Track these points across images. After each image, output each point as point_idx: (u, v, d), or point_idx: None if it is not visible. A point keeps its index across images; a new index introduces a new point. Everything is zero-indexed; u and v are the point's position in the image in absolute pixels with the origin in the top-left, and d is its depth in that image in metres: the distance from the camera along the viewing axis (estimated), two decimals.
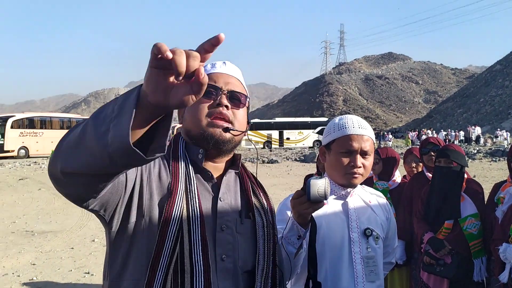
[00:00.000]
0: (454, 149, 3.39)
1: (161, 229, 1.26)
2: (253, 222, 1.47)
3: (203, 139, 1.40)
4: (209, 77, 1.47)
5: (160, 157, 1.37)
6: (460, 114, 76.70)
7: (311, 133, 44.04)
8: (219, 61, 1.55)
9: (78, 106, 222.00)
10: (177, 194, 1.32)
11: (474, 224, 3.28)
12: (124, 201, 1.27)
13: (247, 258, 1.42)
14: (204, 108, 1.42)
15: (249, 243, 1.44)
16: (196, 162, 1.43)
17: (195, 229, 1.29)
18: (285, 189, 14.02)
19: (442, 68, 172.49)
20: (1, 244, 7.92)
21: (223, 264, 1.34)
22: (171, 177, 1.36)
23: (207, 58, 0.91)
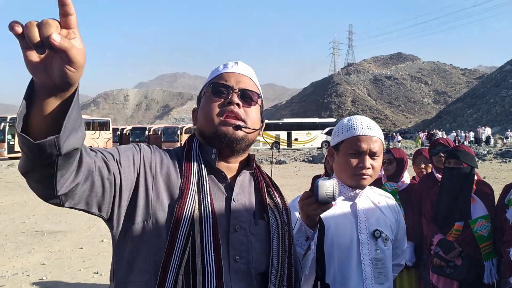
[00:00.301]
0: (464, 150, 3.36)
1: (172, 230, 1.25)
2: (267, 223, 1.45)
3: (216, 138, 1.40)
4: (221, 77, 1.49)
5: (172, 157, 1.42)
6: (470, 114, 76.11)
7: (319, 134, 43.94)
8: (231, 61, 1.56)
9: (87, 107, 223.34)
10: (188, 194, 1.31)
11: (485, 226, 3.25)
12: (121, 201, 1.26)
13: (261, 260, 1.40)
14: (215, 107, 1.43)
15: (263, 245, 1.42)
16: (209, 163, 1.43)
17: (207, 229, 1.28)
18: (293, 190, 13.99)
19: (451, 68, 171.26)
20: (12, 244, 7.99)
21: (237, 265, 1.33)
22: (183, 178, 1.35)
23: (70, 22, 0.87)
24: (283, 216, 1.51)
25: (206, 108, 1.44)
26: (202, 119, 1.46)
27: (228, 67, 1.52)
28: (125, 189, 1.26)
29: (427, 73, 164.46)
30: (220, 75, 1.50)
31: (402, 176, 4.08)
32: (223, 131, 1.40)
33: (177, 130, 42.18)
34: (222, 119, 1.41)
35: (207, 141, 1.44)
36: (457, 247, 3.23)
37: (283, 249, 1.45)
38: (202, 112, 1.46)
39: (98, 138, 39.67)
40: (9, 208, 11.69)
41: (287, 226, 1.51)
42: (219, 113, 1.42)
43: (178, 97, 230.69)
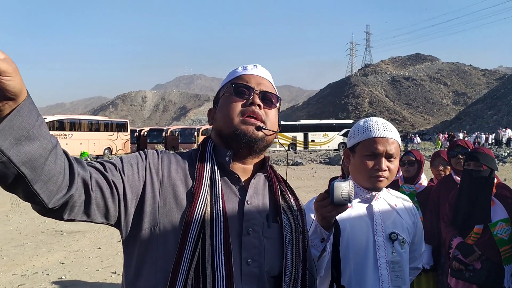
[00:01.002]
0: (483, 152, 3.31)
1: (182, 233, 1.25)
2: (281, 226, 1.44)
3: (235, 137, 1.40)
4: (241, 78, 1.50)
5: (184, 160, 1.42)
6: (490, 116, 74.88)
7: (336, 135, 43.76)
8: (250, 64, 1.57)
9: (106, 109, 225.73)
10: (200, 197, 1.31)
11: (505, 229, 3.19)
12: (127, 209, 1.28)
13: (274, 263, 1.39)
14: (237, 106, 1.43)
15: (276, 248, 1.40)
16: (223, 165, 1.42)
17: (217, 232, 1.27)
18: (310, 191, 13.96)
19: (471, 69, 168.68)
20: (32, 243, 8.12)
21: (249, 268, 1.32)
22: (195, 180, 1.34)
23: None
24: (298, 219, 1.50)
25: (227, 107, 1.45)
26: (221, 118, 1.45)
27: (248, 69, 1.53)
28: (130, 197, 1.27)
29: (446, 74, 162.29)
30: (240, 76, 1.51)
31: (420, 178, 4.04)
32: (243, 130, 1.40)
33: (194, 132, 42.47)
34: (242, 118, 1.41)
35: (225, 141, 1.43)
36: (476, 250, 3.19)
37: (297, 253, 1.43)
38: (222, 111, 1.46)
39: (116, 139, 40.10)
40: (29, 208, 11.82)
41: (302, 229, 1.49)
42: (240, 113, 1.42)
43: (195, 99, 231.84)
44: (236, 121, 1.41)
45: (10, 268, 6.65)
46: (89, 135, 37.45)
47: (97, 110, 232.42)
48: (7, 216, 10.85)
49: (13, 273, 6.42)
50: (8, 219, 10.44)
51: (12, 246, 7.93)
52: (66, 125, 36.42)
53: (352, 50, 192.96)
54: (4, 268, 6.63)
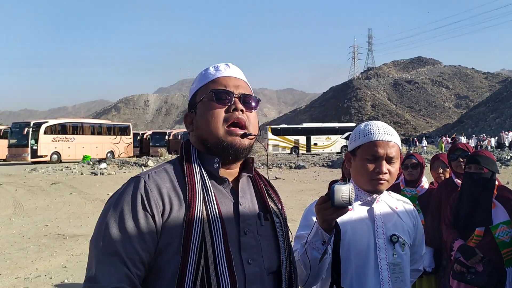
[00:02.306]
0: (484, 155, 3.32)
1: (183, 246, 1.25)
2: (272, 223, 1.48)
3: (223, 149, 1.39)
4: (218, 82, 1.46)
5: (169, 175, 1.37)
6: (492, 119, 74.76)
7: (339, 139, 43.78)
8: (221, 64, 1.53)
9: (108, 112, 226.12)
10: (196, 208, 1.30)
11: (507, 231, 3.20)
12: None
13: (272, 259, 1.42)
14: (220, 114, 1.41)
15: (270, 244, 1.44)
16: (211, 172, 1.40)
17: (218, 240, 1.28)
18: (312, 194, 13.97)
19: (473, 72, 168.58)
20: (34, 247, 8.14)
21: (250, 268, 1.34)
22: (187, 191, 1.33)
23: None
24: (282, 214, 1.55)
25: (209, 116, 1.41)
26: (205, 127, 1.41)
27: (221, 70, 1.49)
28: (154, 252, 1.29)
29: (448, 77, 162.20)
30: (216, 80, 1.47)
31: (421, 181, 4.05)
32: (230, 141, 1.39)
33: None
34: (227, 129, 1.39)
35: (210, 150, 1.41)
36: (478, 253, 3.19)
37: (287, 246, 1.49)
38: (204, 120, 1.42)
39: (119, 143, 40.18)
40: (32, 212, 11.92)
41: (286, 224, 1.55)
42: (224, 121, 1.40)
43: None
44: (221, 131, 1.39)
45: (13, 271, 6.67)
46: (91, 139, 37.55)
47: (99, 113, 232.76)
48: (10, 219, 10.87)
49: (16, 276, 6.43)
50: (11, 223, 10.47)
51: (15, 250, 7.95)
52: (68, 128, 36.54)
53: (355, 53, 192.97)
54: (7, 272, 6.64)
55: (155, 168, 1.41)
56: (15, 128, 34.14)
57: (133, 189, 1.30)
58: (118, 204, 1.29)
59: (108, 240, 1.24)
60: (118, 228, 1.25)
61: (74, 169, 26.34)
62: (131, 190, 1.30)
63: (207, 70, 1.52)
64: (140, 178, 1.33)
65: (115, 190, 1.38)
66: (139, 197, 1.28)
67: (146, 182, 1.32)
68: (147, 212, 1.27)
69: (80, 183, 19.18)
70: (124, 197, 1.29)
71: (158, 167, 1.41)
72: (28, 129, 33.02)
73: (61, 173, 24.41)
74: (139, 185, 1.31)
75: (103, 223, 1.27)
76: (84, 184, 18.75)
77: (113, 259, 1.21)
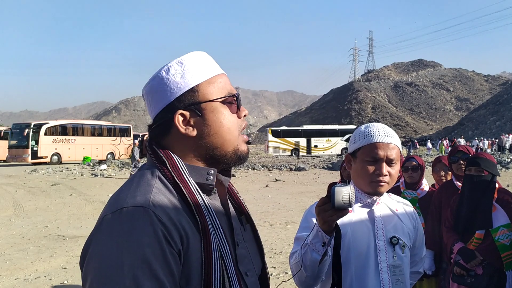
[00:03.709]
0: (485, 158, 3.32)
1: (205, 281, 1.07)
2: (253, 227, 1.40)
3: (237, 158, 1.26)
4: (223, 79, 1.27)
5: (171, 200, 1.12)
6: (493, 121, 74.76)
7: (339, 141, 43.81)
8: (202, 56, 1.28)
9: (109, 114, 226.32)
10: (211, 234, 1.11)
11: (507, 234, 3.19)
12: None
13: (258, 263, 1.34)
14: (236, 121, 1.26)
15: (254, 248, 1.35)
16: (202, 185, 1.20)
17: (229, 262, 1.14)
18: (312, 196, 13.98)
19: (474, 75, 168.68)
20: (34, 248, 8.14)
21: (249, 280, 1.25)
22: (196, 214, 1.12)
23: None
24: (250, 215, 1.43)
25: (230, 122, 1.24)
26: (223, 134, 1.22)
27: (212, 62, 1.29)
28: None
29: (449, 80, 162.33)
30: (220, 75, 1.28)
31: (421, 183, 4.05)
32: (244, 149, 1.28)
33: None
34: (241, 136, 1.28)
35: (214, 158, 1.24)
36: (478, 256, 3.19)
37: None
38: (225, 126, 1.22)
39: (119, 144, 40.18)
40: (32, 213, 11.92)
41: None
42: (239, 129, 1.27)
43: None
44: (238, 139, 1.26)
45: (13, 272, 6.66)
46: (92, 140, 37.55)
47: (100, 115, 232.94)
48: (9, 220, 10.87)
49: (15, 277, 6.43)
50: (10, 224, 10.46)
51: (14, 251, 7.95)
52: (69, 130, 36.57)
53: (355, 55, 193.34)
54: (7, 273, 6.64)
55: (143, 189, 1.11)
56: (15, 129, 34.17)
57: (147, 223, 1.02)
58: (135, 246, 0.99)
59: None
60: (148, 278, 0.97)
61: (74, 170, 26.38)
62: (145, 225, 1.02)
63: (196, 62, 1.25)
64: (145, 207, 1.04)
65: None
66: (160, 233, 1.02)
67: (154, 211, 1.04)
68: (173, 248, 1.03)
69: (80, 184, 19.19)
70: (138, 237, 1.00)
71: (147, 186, 1.13)
72: (29, 130, 33.03)
73: (61, 174, 24.43)
74: (151, 217, 1.03)
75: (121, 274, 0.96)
76: (84, 185, 18.76)
77: None
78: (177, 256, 1.04)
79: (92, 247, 1.03)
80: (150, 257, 0.98)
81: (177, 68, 1.22)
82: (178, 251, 1.04)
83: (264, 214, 11.16)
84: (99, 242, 1.03)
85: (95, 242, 1.03)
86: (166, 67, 1.22)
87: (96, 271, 0.99)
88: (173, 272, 1.02)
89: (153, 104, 1.23)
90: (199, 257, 1.08)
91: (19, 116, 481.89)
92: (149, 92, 1.25)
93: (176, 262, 1.03)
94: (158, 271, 0.98)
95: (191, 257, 1.07)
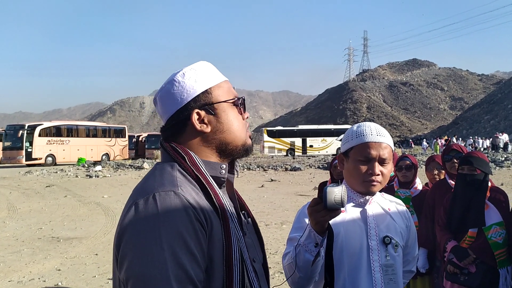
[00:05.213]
0: (477, 156, 3.33)
1: (226, 262, 1.21)
2: (253, 219, 1.54)
3: (244, 151, 1.42)
4: (228, 83, 1.45)
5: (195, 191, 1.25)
6: (487, 121, 75.11)
7: (335, 141, 43.88)
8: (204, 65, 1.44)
9: (103, 115, 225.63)
10: (230, 222, 1.26)
11: (499, 232, 3.21)
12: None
13: (260, 253, 1.48)
14: (242, 120, 1.44)
15: (255, 239, 1.48)
16: (216, 178, 1.35)
17: (243, 248, 1.28)
18: (308, 197, 13.97)
19: (468, 74, 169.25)
20: (28, 250, 8.10)
21: (257, 265, 1.38)
22: (217, 203, 1.26)
23: None
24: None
25: (239, 120, 1.41)
26: (234, 131, 1.38)
27: (214, 70, 1.44)
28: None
29: (443, 79, 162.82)
30: (226, 82, 1.45)
31: (415, 182, 4.06)
32: (250, 144, 1.45)
33: None
34: (247, 132, 1.45)
35: (227, 153, 1.39)
36: (471, 254, 3.20)
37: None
38: (235, 124, 1.39)
39: (114, 145, 40.10)
40: (26, 215, 11.87)
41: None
42: (244, 125, 1.44)
43: None
44: (245, 136, 1.43)
45: (7, 274, 6.63)
46: (86, 141, 37.46)
47: (94, 116, 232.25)
48: (4, 222, 10.82)
49: (9, 279, 6.39)
50: (4, 226, 10.41)
51: (8, 253, 7.91)
52: (63, 131, 36.47)
53: (350, 55, 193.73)
54: (1, 275, 6.61)
55: (168, 179, 1.24)
56: (9, 130, 34.02)
57: (178, 203, 1.16)
58: (170, 222, 1.12)
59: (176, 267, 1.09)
60: (184, 250, 1.11)
61: (69, 171, 26.27)
62: (177, 205, 1.16)
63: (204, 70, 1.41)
64: (175, 191, 1.18)
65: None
66: (190, 211, 1.16)
67: (184, 194, 1.18)
68: (202, 225, 1.17)
69: (75, 185, 19.12)
70: (172, 214, 1.14)
71: (170, 177, 1.25)
72: (23, 132, 32.91)
73: (55, 175, 24.34)
74: (181, 198, 1.17)
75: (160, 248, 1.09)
76: (79, 186, 18.70)
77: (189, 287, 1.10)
78: (205, 234, 1.17)
79: (130, 231, 1.14)
80: (185, 234, 1.12)
81: (191, 74, 1.38)
82: (205, 231, 1.18)
83: (260, 214, 11.16)
84: (136, 225, 1.14)
85: (131, 226, 1.15)
86: (181, 73, 1.38)
87: (136, 249, 1.11)
88: (203, 248, 1.16)
89: (169, 106, 1.37)
90: (220, 239, 1.21)
91: (13, 118, 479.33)
92: (164, 95, 1.39)
93: (205, 240, 1.17)
94: (192, 247, 1.12)
95: (214, 237, 1.20)
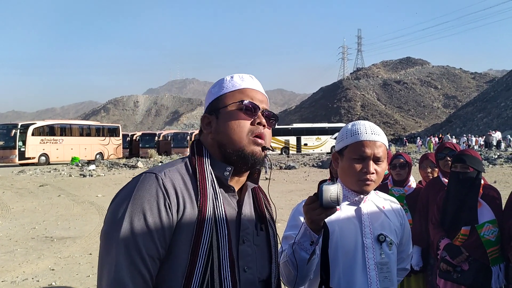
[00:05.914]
0: (470, 155, 3.35)
1: (193, 248, 1.29)
2: (267, 234, 1.54)
3: (243, 157, 1.42)
4: (245, 93, 1.49)
5: (183, 176, 1.38)
6: (480, 119, 75.50)
7: (329, 139, 43.91)
8: (245, 74, 1.56)
9: (97, 113, 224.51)
10: (206, 213, 1.33)
11: (492, 230, 3.23)
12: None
13: (263, 268, 1.49)
14: (246, 125, 1.44)
15: (264, 254, 1.51)
16: (220, 178, 1.43)
17: (223, 246, 1.33)
18: (303, 195, 13.98)
19: (461, 72, 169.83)
20: (22, 250, 8.06)
21: (245, 275, 1.41)
22: (199, 196, 1.35)
23: None
24: (274, 225, 1.61)
25: (235, 124, 1.43)
26: (228, 134, 1.43)
27: (246, 81, 1.52)
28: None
29: (437, 77, 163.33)
30: (244, 90, 1.50)
31: (409, 180, 4.08)
32: (252, 150, 1.42)
33: (186, 136, 42.41)
34: (252, 138, 1.43)
35: (226, 157, 1.43)
36: (464, 251, 3.21)
37: (277, 256, 1.56)
38: (229, 127, 1.43)
39: (108, 144, 39.93)
40: (19, 214, 11.80)
41: (277, 235, 1.61)
42: (249, 132, 1.43)
43: (187, 103, 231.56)
44: (245, 140, 1.42)
45: (0, 274, 6.59)
46: (80, 140, 37.26)
47: (88, 115, 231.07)
48: None
49: (2, 279, 6.36)
50: None
51: (1, 253, 7.86)
52: (56, 130, 36.25)
53: (344, 54, 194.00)
54: None
55: (167, 165, 1.41)
56: (2, 129, 33.75)
57: (153, 185, 1.31)
58: (138, 199, 1.28)
59: (128, 235, 1.25)
60: (140, 224, 1.26)
61: (63, 171, 26.14)
62: (150, 186, 1.30)
63: (232, 78, 1.53)
64: (157, 175, 1.33)
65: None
66: (161, 194, 1.29)
67: (163, 179, 1.32)
68: (168, 209, 1.29)
69: (68, 185, 19.03)
70: (143, 193, 1.29)
71: (171, 165, 1.42)
72: (16, 131, 32.68)
73: (49, 175, 24.21)
74: (158, 182, 1.31)
75: (122, 217, 1.26)
76: (72, 186, 18.61)
77: (135, 256, 1.24)
78: (171, 216, 1.29)
79: (114, 198, 1.36)
80: (147, 211, 1.27)
81: (216, 84, 1.54)
82: (171, 212, 1.29)
83: None
84: (118, 194, 1.36)
85: (116, 194, 1.37)
86: (214, 84, 1.56)
87: (108, 214, 1.33)
88: (164, 228, 1.28)
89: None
90: (191, 229, 1.31)
91: (6, 117, 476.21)
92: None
93: (169, 221, 1.29)
94: (150, 223, 1.27)
95: (182, 227, 1.30)
